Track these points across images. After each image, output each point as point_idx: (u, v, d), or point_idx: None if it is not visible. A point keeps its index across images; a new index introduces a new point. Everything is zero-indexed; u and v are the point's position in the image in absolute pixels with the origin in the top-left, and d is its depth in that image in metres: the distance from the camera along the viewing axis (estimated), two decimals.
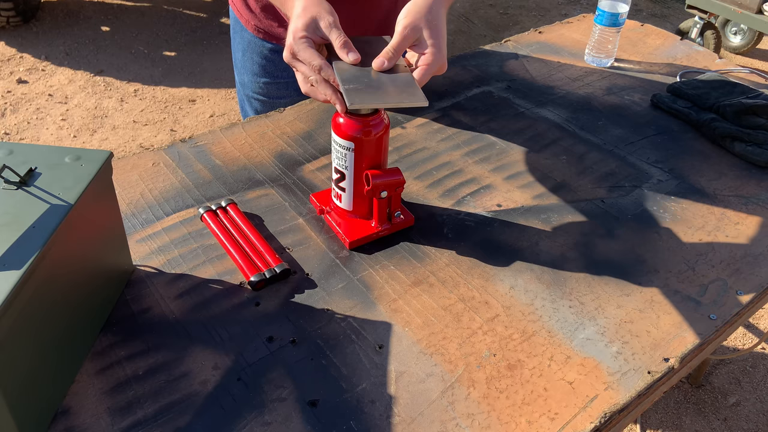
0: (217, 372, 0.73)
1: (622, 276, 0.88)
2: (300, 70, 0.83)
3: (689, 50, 1.49)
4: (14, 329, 0.59)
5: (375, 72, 0.82)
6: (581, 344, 0.78)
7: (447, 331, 0.79)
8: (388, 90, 0.80)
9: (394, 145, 1.12)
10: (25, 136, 2.79)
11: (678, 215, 1.00)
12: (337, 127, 0.86)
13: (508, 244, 0.93)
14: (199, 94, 3.13)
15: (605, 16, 1.33)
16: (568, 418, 0.70)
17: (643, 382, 0.74)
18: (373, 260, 0.89)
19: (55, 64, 3.28)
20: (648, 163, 1.11)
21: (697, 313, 0.83)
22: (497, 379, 0.74)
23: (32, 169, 0.70)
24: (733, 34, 3.75)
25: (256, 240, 0.89)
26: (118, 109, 2.99)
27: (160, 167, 1.04)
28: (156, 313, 0.80)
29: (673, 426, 1.76)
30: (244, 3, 1.20)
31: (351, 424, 0.69)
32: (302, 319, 0.80)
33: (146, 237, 0.91)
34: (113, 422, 0.67)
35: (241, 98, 1.35)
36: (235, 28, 1.26)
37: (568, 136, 1.17)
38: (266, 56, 1.23)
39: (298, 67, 0.83)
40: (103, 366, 0.73)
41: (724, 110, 1.17)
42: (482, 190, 1.03)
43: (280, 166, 1.06)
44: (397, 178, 0.89)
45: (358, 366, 0.75)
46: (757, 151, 1.10)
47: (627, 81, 1.36)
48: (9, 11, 3.40)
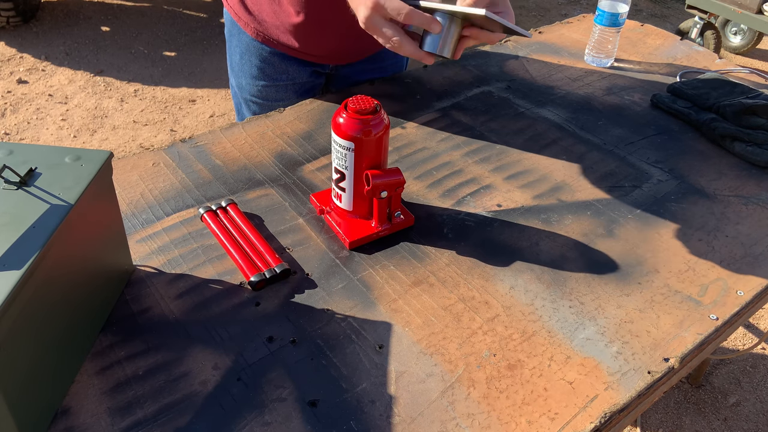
0: (217, 372, 0.73)
1: (622, 276, 0.88)
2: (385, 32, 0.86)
3: (689, 50, 1.49)
4: (14, 329, 0.59)
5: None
6: (581, 344, 0.78)
7: (447, 331, 0.79)
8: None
9: (394, 145, 1.12)
10: (25, 136, 2.79)
11: (678, 215, 1.00)
12: (337, 127, 0.86)
13: (508, 244, 0.93)
14: (199, 94, 3.13)
15: (605, 16, 1.33)
16: (568, 418, 0.70)
17: (643, 382, 0.74)
18: (373, 260, 0.89)
19: (55, 64, 3.29)
20: (648, 163, 1.11)
21: (697, 313, 0.83)
22: (497, 379, 0.74)
23: (32, 169, 0.70)
24: (733, 34, 3.75)
25: (256, 240, 0.89)
26: (118, 109, 2.99)
27: (160, 167, 1.04)
28: (156, 313, 0.80)
29: (673, 426, 1.76)
30: (243, 6, 1.20)
31: (351, 424, 0.69)
32: (302, 319, 0.80)
33: (146, 237, 0.91)
34: (113, 422, 0.67)
35: (238, 101, 1.34)
36: (232, 31, 1.25)
37: (568, 136, 1.17)
38: (265, 59, 1.23)
39: (383, 26, 0.86)
40: (103, 366, 0.73)
41: (724, 110, 1.17)
42: (482, 190, 1.03)
43: (280, 166, 1.06)
44: (397, 178, 0.89)
45: (358, 366, 0.75)
46: (757, 151, 1.10)
47: (627, 81, 1.36)
48: (9, 11, 3.41)
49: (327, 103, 1.23)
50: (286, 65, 1.24)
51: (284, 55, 1.22)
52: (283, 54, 1.22)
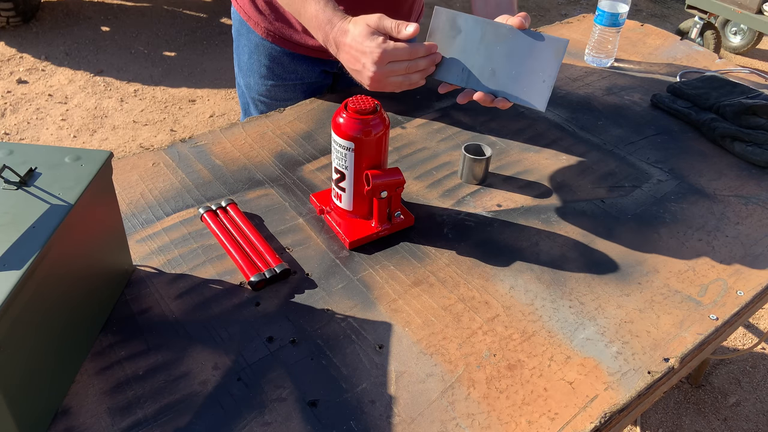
0: (217, 372, 0.73)
1: (622, 276, 0.88)
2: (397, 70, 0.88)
3: (689, 50, 1.49)
4: (14, 329, 0.59)
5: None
6: (581, 344, 0.78)
7: (447, 331, 0.79)
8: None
9: (394, 145, 1.12)
10: (25, 136, 2.79)
11: (678, 215, 1.00)
12: (337, 127, 0.86)
13: (508, 244, 0.93)
14: (199, 94, 3.13)
15: (605, 16, 1.33)
16: (568, 418, 0.70)
17: (643, 382, 0.74)
18: (373, 260, 0.89)
19: (55, 64, 3.28)
20: (648, 163, 1.11)
21: (697, 313, 0.83)
22: (497, 379, 0.74)
23: (32, 169, 0.70)
24: (733, 34, 3.75)
25: (256, 240, 0.89)
26: (118, 109, 2.99)
27: (160, 167, 1.04)
28: (156, 313, 0.80)
29: (673, 426, 1.76)
30: (253, 5, 1.19)
31: (351, 424, 0.69)
32: (302, 319, 0.80)
33: (146, 237, 0.91)
34: (113, 422, 0.67)
35: (245, 101, 1.34)
36: (241, 31, 1.25)
37: (568, 136, 1.17)
38: (274, 58, 1.23)
39: (394, 68, 0.88)
40: (103, 366, 0.73)
41: (724, 110, 1.17)
42: (482, 190, 1.03)
43: (280, 166, 1.06)
44: (397, 178, 0.89)
45: (358, 366, 0.75)
46: (757, 151, 1.10)
47: (627, 81, 1.36)
48: (9, 11, 3.40)
49: (327, 103, 1.23)
50: (296, 65, 1.24)
51: (294, 54, 1.22)
52: (292, 53, 1.22)
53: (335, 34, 0.91)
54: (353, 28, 0.89)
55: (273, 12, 1.18)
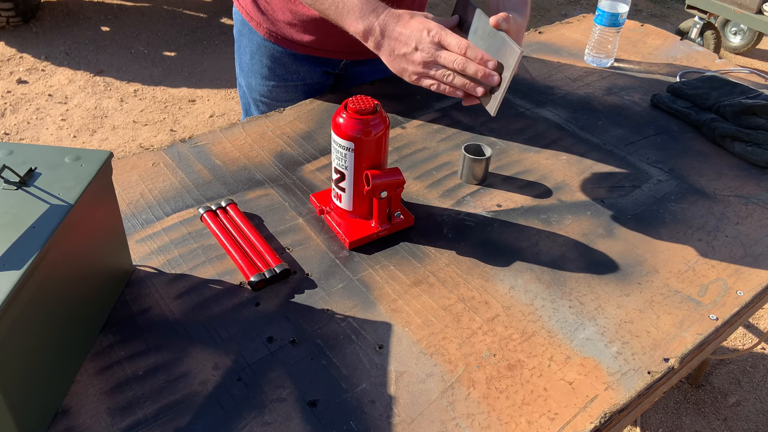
0: (217, 372, 0.73)
1: (622, 276, 0.88)
2: (443, 61, 0.88)
3: (689, 50, 1.49)
4: (14, 329, 0.59)
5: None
6: (581, 344, 0.78)
7: (447, 331, 0.79)
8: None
9: (394, 145, 1.12)
10: (25, 136, 2.79)
11: (678, 215, 1.00)
12: (337, 127, 0.86)
13: (508, 244, 0.93)
14: (199, 94, 3.13)
15: (605, 16, 1.33)
16: (568, 418, 0.70)
17: (643, 382, 0.74)
18: (373, 260, 0.89)
19: (55, 64, 3.28)
20: (648, 163, 1.11)
21: (696, 313, 0.83)
22: (497, 379, 0.74)
23: (32, 169, 0.70)
24: (732, 34, 3.75)
25: (256, 240, 0.89)
26: (118, 109, 2.99)
27: (160, 167, 1.04)
28: (156, 313, 0.80)
29: (673, 426, 1.76)
30: (255, 6, 1.19)
31: (351, 424, 0.69)
32: (302, 319, 0.80)
33: (146, 237, 0.91)
34: (113, 422, 0.67)
35: (246, 101, 1.34)
36: (242, 31, 1.25)
37: (568, 136, 1.17)
38: (276, 59, 1.23)
39: (442, 60, 0.88)
40: (103, 366, 0.73)
41: (724, 110, 1.17)
42: (482, 190, 1.03)
43: (280, 166, 1.06)
44: (397, 178, 0.89)
45: (358, 366, 0.75)
46: (757, 151, 1.10)
47: (627, 81, 1.36)
48: (9, 11, 3.40)
49: (327, 103, 1.23)
50: (298, 65, 1.24)
51: (296, 55, 1.22)
52: (294, 54, 1.22)
53: (385, 16, 0.92)
54: (411, 15, 0.91)
55: (275, 11, 1.18)
